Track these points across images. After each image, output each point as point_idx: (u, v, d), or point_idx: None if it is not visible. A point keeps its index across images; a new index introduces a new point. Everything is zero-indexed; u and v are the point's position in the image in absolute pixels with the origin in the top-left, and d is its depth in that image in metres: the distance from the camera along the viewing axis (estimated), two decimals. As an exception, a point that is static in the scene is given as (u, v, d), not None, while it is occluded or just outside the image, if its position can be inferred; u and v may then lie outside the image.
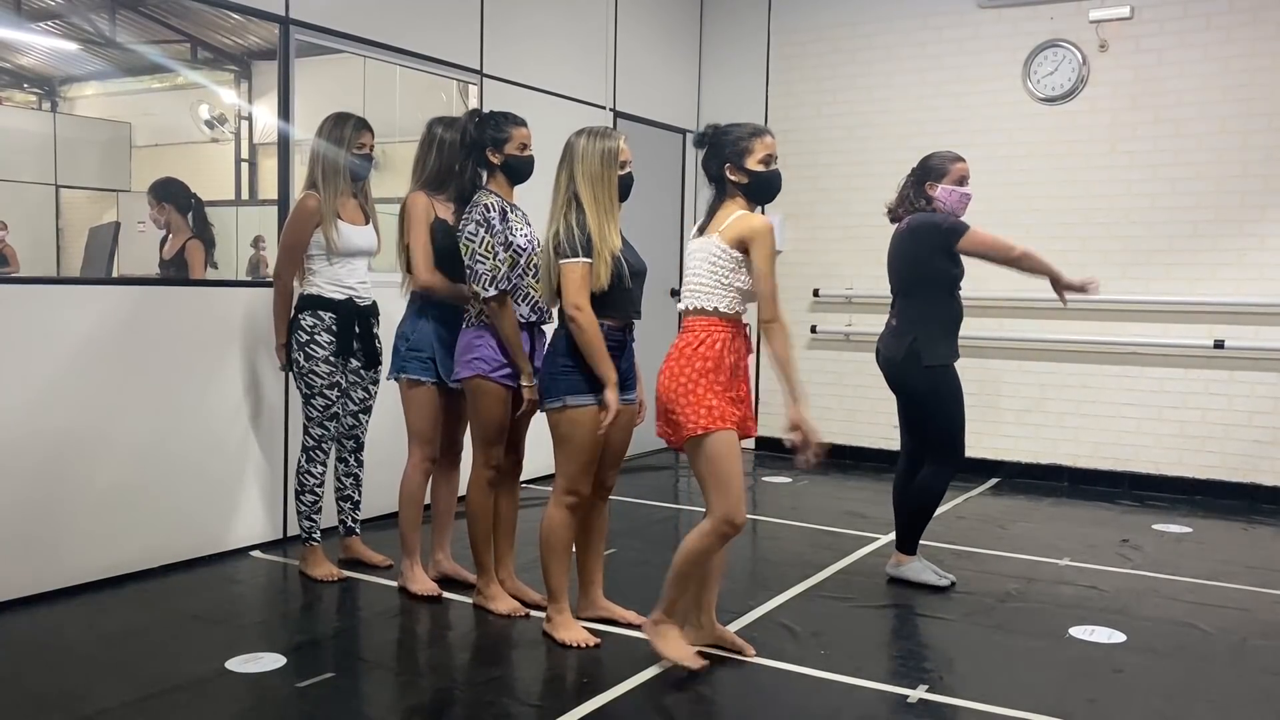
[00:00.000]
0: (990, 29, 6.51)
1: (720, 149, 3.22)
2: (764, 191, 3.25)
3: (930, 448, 4.15)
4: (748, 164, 3.19)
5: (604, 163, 3.31)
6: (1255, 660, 3.45)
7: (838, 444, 7.04)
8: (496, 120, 3.65)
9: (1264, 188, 5.84)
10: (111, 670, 3.18)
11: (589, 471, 3.40)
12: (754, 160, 3.18)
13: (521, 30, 5.83)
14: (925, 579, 4.17)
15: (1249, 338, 5.88)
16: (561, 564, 3.44)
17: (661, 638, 3.25)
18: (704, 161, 3.29)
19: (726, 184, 3.23)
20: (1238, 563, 4.65)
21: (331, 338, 3.99)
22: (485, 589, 3.75)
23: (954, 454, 4.13)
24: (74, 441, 3.86)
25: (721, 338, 3.14)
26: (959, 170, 4.11)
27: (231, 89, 5.49)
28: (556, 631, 3.45)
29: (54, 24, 4.64)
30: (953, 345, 4.12)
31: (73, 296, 3.90)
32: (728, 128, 3.25)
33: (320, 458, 4.08)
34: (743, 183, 3.20)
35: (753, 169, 3.19)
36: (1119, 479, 6.23)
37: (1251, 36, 5.85)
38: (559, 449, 3.38)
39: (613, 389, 3.27)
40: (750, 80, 7.28)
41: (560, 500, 3.40)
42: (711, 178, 3.28)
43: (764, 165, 3.19)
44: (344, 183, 4.00)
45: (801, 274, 7.10)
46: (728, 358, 3.14)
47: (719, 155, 3.22)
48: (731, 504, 3.12)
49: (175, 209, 4.66)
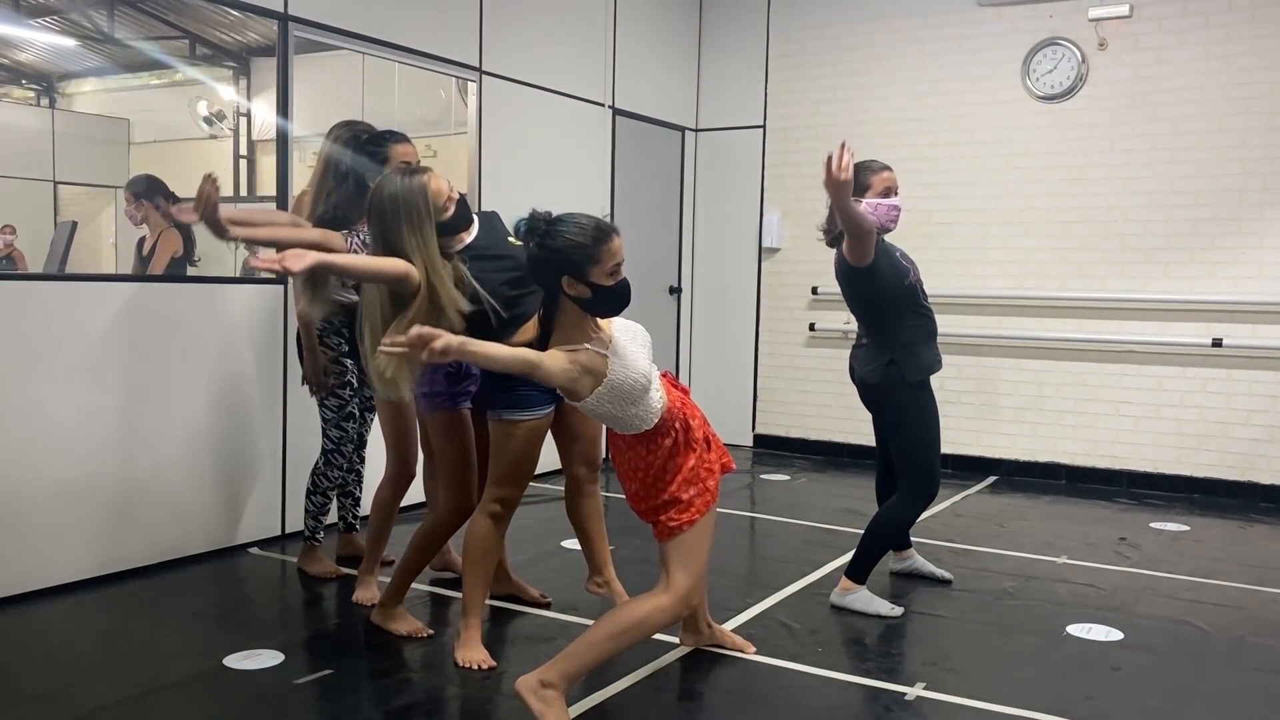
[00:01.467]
0: (989, 27, 6.51)
1: (554, 255, 2.63)
2: (614, 306, 2.71)
3: (903, 473, 3.86)
4: (593, 277, 2.63)
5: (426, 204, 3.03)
6: (1252, 658, 3.46)
7: (835, 441, 7.06)
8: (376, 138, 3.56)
9: (1263, 186, 5.84)
10: (109, 667, 3.18)
11: (521, 484, 3.27)
12: (602, 272, 2.64)
13: (521, 27, 5.83)
14: (875, 609, 3.82)
15: (1247, 336, 5.89)
16: (477, 576, 3.26)
17: (550, 707, 2.72)
18: (530, 263, 2.70)
19: (561, 298, 2.68)
20: (1235, 561, 4.66)
21: (340, 339, 4.00)
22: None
23: (928, 482, 3.83)
24: (71, 438, 3.86)
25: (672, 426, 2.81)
26: (883, 181, 3.85)
27: (230, 85, 5.49)
28: (458, 649, 3.22)
29: (53, 20, 4.64)
30: (933, 353, 3.87)
31: (69, 293, 3.90)
32: (563, 224, 2.64)
33: (338, 461, 4.05)
34: (585, 298, 2.65)
35: (600, 283, 2.64)
36: (1117, 477, 6.23)
37: (1250, 35, 5.85)
38: (493, 456, 3.27)
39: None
40: (749, 76, 7.27)
41: (485, 507, 3.26)
42: (541, 284, 2.72)
43: (611, 278, 2.66)
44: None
45: (800, 271, 7.10)
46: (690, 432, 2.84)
47: (553, 262, 2.63)
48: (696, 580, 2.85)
49: (152, 206, 4.66)
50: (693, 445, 2.84)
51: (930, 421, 3.85)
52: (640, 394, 2.71)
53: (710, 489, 2.85)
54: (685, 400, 2.93)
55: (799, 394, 7.13)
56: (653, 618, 2.80)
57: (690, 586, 2.82)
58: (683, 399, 2.92)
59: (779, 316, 7.25)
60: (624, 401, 2.70)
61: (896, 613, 3.83)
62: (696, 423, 2.89)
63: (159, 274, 4.62)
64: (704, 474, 2.84)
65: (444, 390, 3.35)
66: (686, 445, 2.83)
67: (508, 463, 3.24)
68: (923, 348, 3.85)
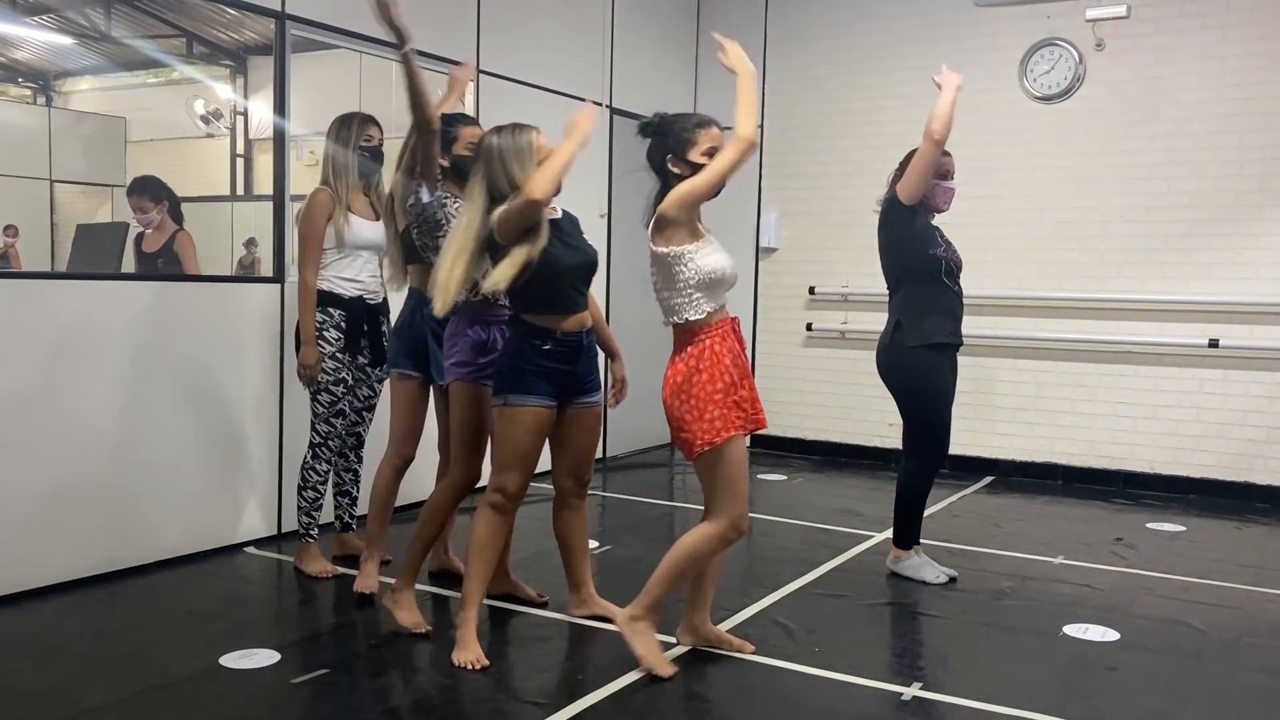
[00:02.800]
0: (987, 27, 6.52)
1: (665, 139, 3.12)
2: None
3: (911, 438, 4.12)
4: (691, 155, 3.09)
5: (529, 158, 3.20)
6: (1248, 658, 3.46)
7: (833, 442, 7.06)
8: (447, 119, 3.64)
9: (1260, 187, 5.85)
10: (105, 667, 3.17)
11: (521, 471, 3.30)
12: (698, 152, 3.08)
13: (518, 26, 5.82)
14: (922, 575, 4.17)
15: (1244, 337, 5.89)
16: (476, 567, 3.30)
17: (638, 636, 3.18)
18: (648, 151, 3.18)
19: (670, 176, 3.12)
20: (1231, 561, 4.66)
21: (339, 334, 4.00)
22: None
23: (934, 446, 4.08)
24: (68, 436, 3.85)
25: (707, 344, 3.07)
26: (945, 165, 4.07)
27: (227, 84, 5.48)
28: (454, 651, 3.23)
29: (49, 18, 4.63)
30: (940, 325, 4.02)
31: (65, 292, 3.89)
32: (674, 117, 3.14)
33: (325, 455, 4.07)
34: (685, 175, 3.09)
35: (698, 161, 3.08)
36: (1113, 477, 6.24)
37: (1247, 36, 5.86)
38: (495, 443, 3.34)
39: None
40: (747, 77, 7.26)
41: (487, 497, 3.33)
42: (655, 168, 3.18)
43: (707, 157, 3.08)
44: (353, 178, 4.01)
45: (797, 272, 7.10)
46: (724, 361, 3.08)
47: (663, 145, 3.12)
48: (740, 510, 3.11)
49: (161, 205, 4.67)
50: (719, 373, 3.05)
51: (933, 393, 4.03)
52: (690, 281, 3.04)
53: (732, 421, 3.05)
54: (731, 344, 3.12)
55: (796, 394, 7.13)
56: (703, 546, 3.13)
57: (733, 511, 3.09)
58: (731, 343, 3.12)
59: (776, 316, 7.25)
60: (675, 279, 3.06)
61: (942, 579, 4.11)
62: (729, 360, 3.08)
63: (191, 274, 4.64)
64: (725, 406, 3.05)
65: (470, 361, 3.45)
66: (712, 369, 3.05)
67: (507, 450, 3.28)
68: (933, 317, 4.02)
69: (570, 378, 3.31)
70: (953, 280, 4.09)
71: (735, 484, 3.09)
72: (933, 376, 4.04)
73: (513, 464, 3.28)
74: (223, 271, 5.01)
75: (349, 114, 4.09)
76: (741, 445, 3.12)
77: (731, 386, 3.08)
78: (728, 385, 3.07)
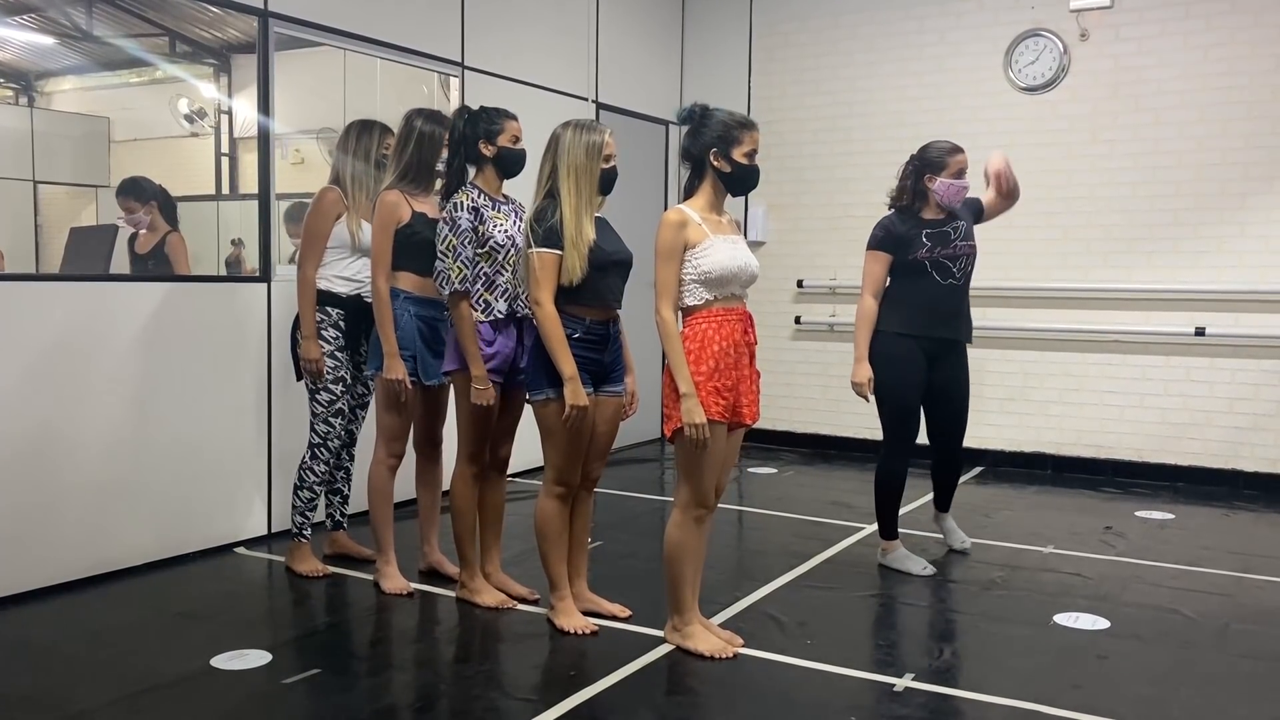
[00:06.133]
0: (971, 19, 6.52)
1: (707, 133, 3.20)
2: (743, 185, 3.27)
3: (882, 425, 4.23)
4: (734, 155, 3.19)
5: (588, 155, 3.33)
6: (1238, 645, 3.48)
7: (822, 434, 7.07)
8: (489, 114, 3.65)
9: (1244, 175, 5.87)
10: (96, 669, 3.16)
11: (577, 462, 3.44)
12: (740, 152, 3.19)
13: (503, 22, 5.81)
14: (907, 567, 4.20)
15: (1229, 325, 5.92)
16: (556, 553, 3.50)
17: (690, 639, 3.30)
18: (686, 140, 3.26)
19: (707, 169, 3.22)
20: (1220, 548, 4.69)
21: (338, 332, 3.99)
22: (469, 582, 3.76)
23: (895, 434, 4.18)
24: (56, 438, 3.83)
25: (701, 328, 3.15)
26: (957, 163, 4.12)
27: (211, 83, 5.44)
28: (556, 619, 3.50)
29: (30, 18, 4.59)
30: (906, 317, 4.10)
31: (52, 293, 3.86)
32: (717, 111, 3.24)
33: (324, 456, 4.05)
34: (725, 172, 3.21)
35: (739, 161, 3.20)
36: (1102, 466, 6.26)
37: (1231, 25, 5.88)
38: (546, 441, 3.42)
39: (571, 383, 3.28)
40: (733, 71, 7.27)
41: (550, 490, 3.47)
42: (691, 159, 3.26)
43: (747, 160, 3.21)
44: (372, 187, 3.99)
45: (785, 265, 7.10)
46: (712, 347, 3.13)
47: (703, 139, 3.21)
48: (701, 488, 3.19)
49: (149, 206, 4.64)
50: (705, 356, 3.11)
51: (894, 381, 4.10)
52: (690, 275, 3.15)
53: (709, 406, 3.09)
54: (731, 333, 3.17)
55: (785, 387, 7.13)
56: (679, 533, 3.24)
57: (695, 490, 3.19)
58: (731, 332, 3.17)
59: (764, 310, 7.23)
60: (683, 271, 3.16)
61: (929, 572, 4.16)
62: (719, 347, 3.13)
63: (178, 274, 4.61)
64: (704, 390, 3.10)
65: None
66: (700, 352, 3.12)
67: (548, 441, 3.42)
68: (909, 308, 4.10)
69: (598, 365, 3.41)
70: (944, 275, 4.10)
71: (699, 466, 3.16)
72: (897, 364, 4.10)
73: (571, 457, 3.42)
74: (210, 271, 4.99)
75: (369, 122, 4.08)
76: (716, 431, 3.15)
77: (716, 372, 3.13)
78: (711, 370, 3.12)
